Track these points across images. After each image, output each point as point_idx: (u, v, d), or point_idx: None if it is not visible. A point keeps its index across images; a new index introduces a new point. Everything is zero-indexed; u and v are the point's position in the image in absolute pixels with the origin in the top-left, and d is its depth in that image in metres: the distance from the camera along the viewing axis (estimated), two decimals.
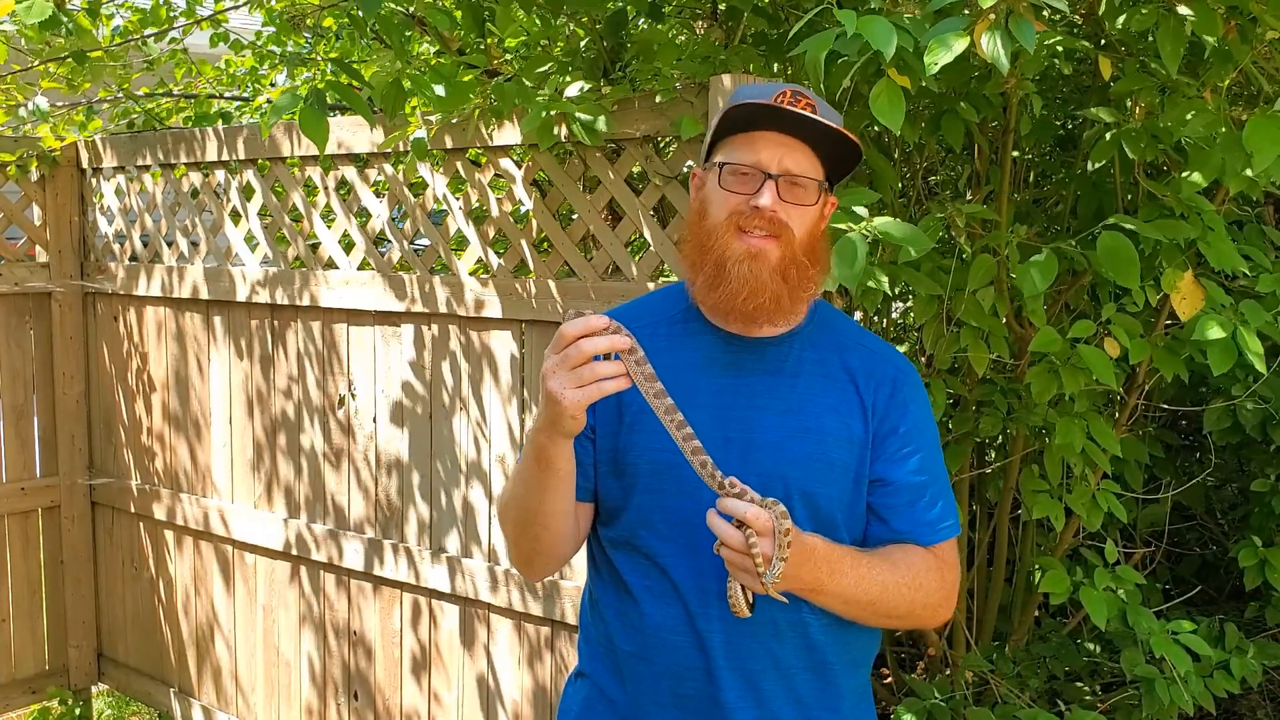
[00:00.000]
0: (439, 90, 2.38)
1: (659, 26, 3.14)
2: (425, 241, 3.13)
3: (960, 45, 1.69)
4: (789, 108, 1.47)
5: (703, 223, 1.54)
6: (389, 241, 3.33)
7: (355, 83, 2.71)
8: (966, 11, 1.74)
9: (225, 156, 3.44)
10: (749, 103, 1.49)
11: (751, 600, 1.42)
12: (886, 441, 1.56)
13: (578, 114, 2.45)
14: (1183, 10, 2.07)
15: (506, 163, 2.84)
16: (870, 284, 2.08)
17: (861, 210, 2.08)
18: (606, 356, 1.36)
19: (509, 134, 2.75)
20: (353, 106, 2.46)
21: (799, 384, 1.55)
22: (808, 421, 1.53)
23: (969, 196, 3.06)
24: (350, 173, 3.14)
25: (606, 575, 1.63)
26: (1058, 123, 3.04)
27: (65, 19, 2.80)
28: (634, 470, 1.56)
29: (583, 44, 3.07)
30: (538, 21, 3.30)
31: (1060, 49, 2.41)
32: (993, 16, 1.68)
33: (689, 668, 1.53)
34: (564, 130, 2.52)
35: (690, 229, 1.58)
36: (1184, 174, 2.28)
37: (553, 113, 2.44)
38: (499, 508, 1.68)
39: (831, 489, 1.53)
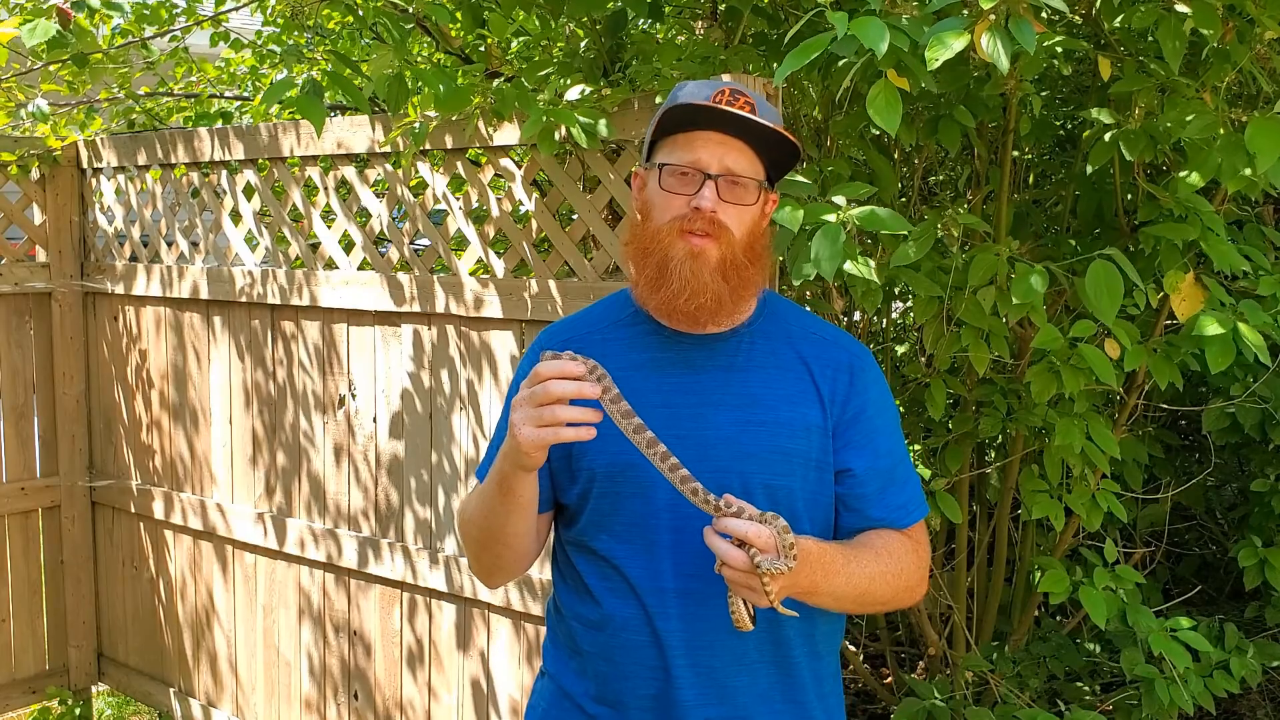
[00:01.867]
0: (440, 87, 2.38)
1: (658, 26, 3.14)
2: (425, 242, 3.13)
3: (960, 44, 1.69)
4: (727, 108, 1.48)
5: (646, 224, 1.55)
6: (389, 241, 3.33)
7: (355, 78, 2.71)
8: (966, 12, 1.73)
9: (225, 156, 3.44)
10: (687, 103, 1.49)
11: (753, 613, 1.41)
12: (850, 430, 1.56)
13: (578, 117, 2.45)
14: (1181, 8, 2.07)
15: (506, 162, 2.84)
16: (850, 268, 2.06)
17: (840, 200, 2.08)
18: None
19: (509, 134, 2.75)
20: (352, 99, 2.46)
21: (751, 377, 1.56)
22: (762, 414, 1.53)
23: (969, 197, 3.07)
24: (350, 173, 3.14)
25: (569, 577, 1.63)
26: (1057, 123, 3.04)
27: (70, 35, 2.82)
28: (588, 475, 1.56)
29: (582, 45, 3.08)
30: (537, 23, 3.30)
31: (1059, 50, 2.41)
32: (993, 17, 1.68)
33: (649, 666, 1.53)
34: (564, 132, 2.52)
35: (633, 230, 1.59)
36: (1182, 174, 2.28)
37: (552, 119, 2.45)
38: (459, 520, 1.68)
39: (792, 480, 1.53)
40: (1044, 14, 1.76)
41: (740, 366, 1.56)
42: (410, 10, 2.95)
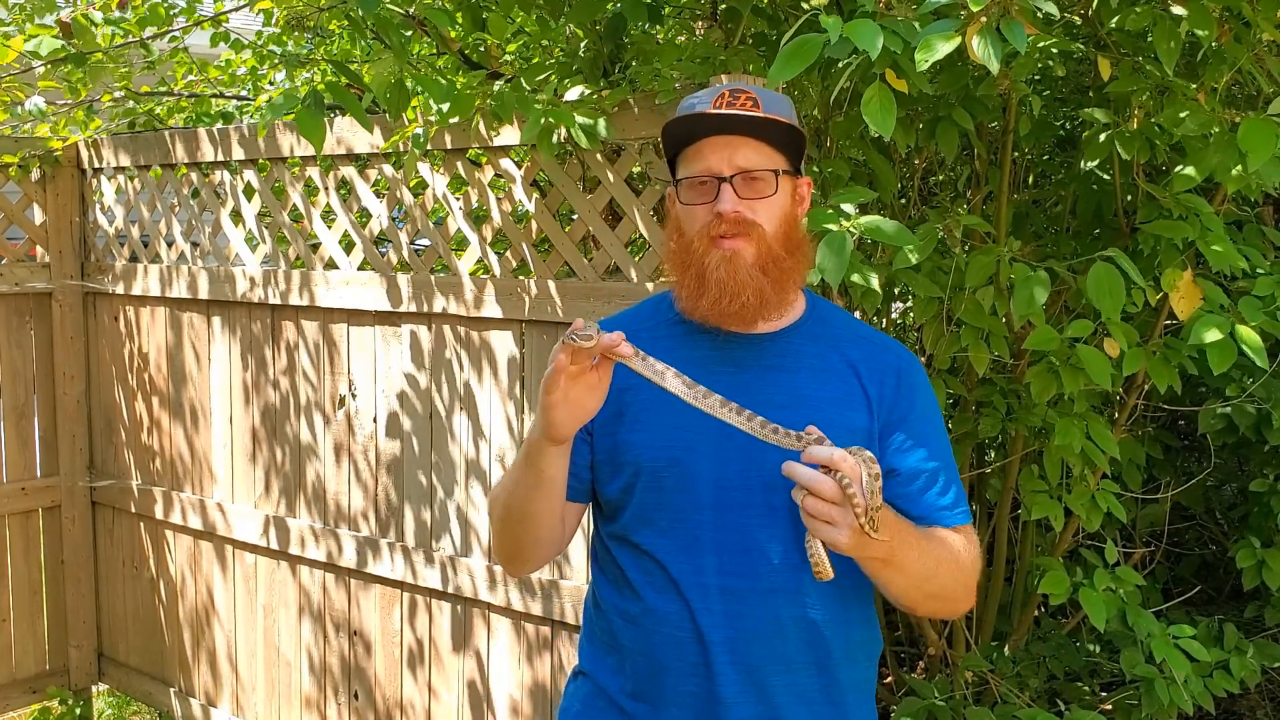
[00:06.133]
0: (444, 105, 2.38)
1: (658, 27, 3.14)
2: (425, 242, 3.13)
3: (947, 47, 1.69)
4: (725, 110, 1.48)
5: (680, 239, 1.56)
6: (389, 241, 3.33)
7: (354, 85, 2.71)
8: (962, 14, 1.74)
9: (225, 156, 3.44)
10: (685, 116, 1.51)
11: (831, 561, 1.37)
12: (896, 433, 1.56)
13: (577, 118, 2.45)
14: (1177, 10, 2.08)
15: (506, 163, 2.84)
16: (856, 279, 2.07)
17: (849, 208, 2.09)
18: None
19: (509, 134, 2.75)
20: (349, 110, 2.46)
21: (799, 378, 1.55)
22: (808, 415, 1.52)
23: (969, 197, 3.07)
24: (350, 173, 3.14)
25: (610, 571, 1.63)
26: (1057, 123, 3.04)
27: (72, 47, 2.84)
28: (633, 469, 1.56)
29: (582, 45, 3.08)
30: (537, 24, 3.30)
31: (1055, 50, 2.41)
32: (984, 19, 1.69)
33: (690, 663, 1.53)
34: (564, 133, 2.52)
35: (669, 246, 1.60)
36: (1179, 169, 2.28)
37: (551, 119, 2.45)
38: (489, 499, 1.71)
39: None
40: (1039, 14, 1.76)
41: (789, 368, 1.56)
42: (410, 12, 2.96)
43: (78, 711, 3.99)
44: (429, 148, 2.85)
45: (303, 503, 3.34)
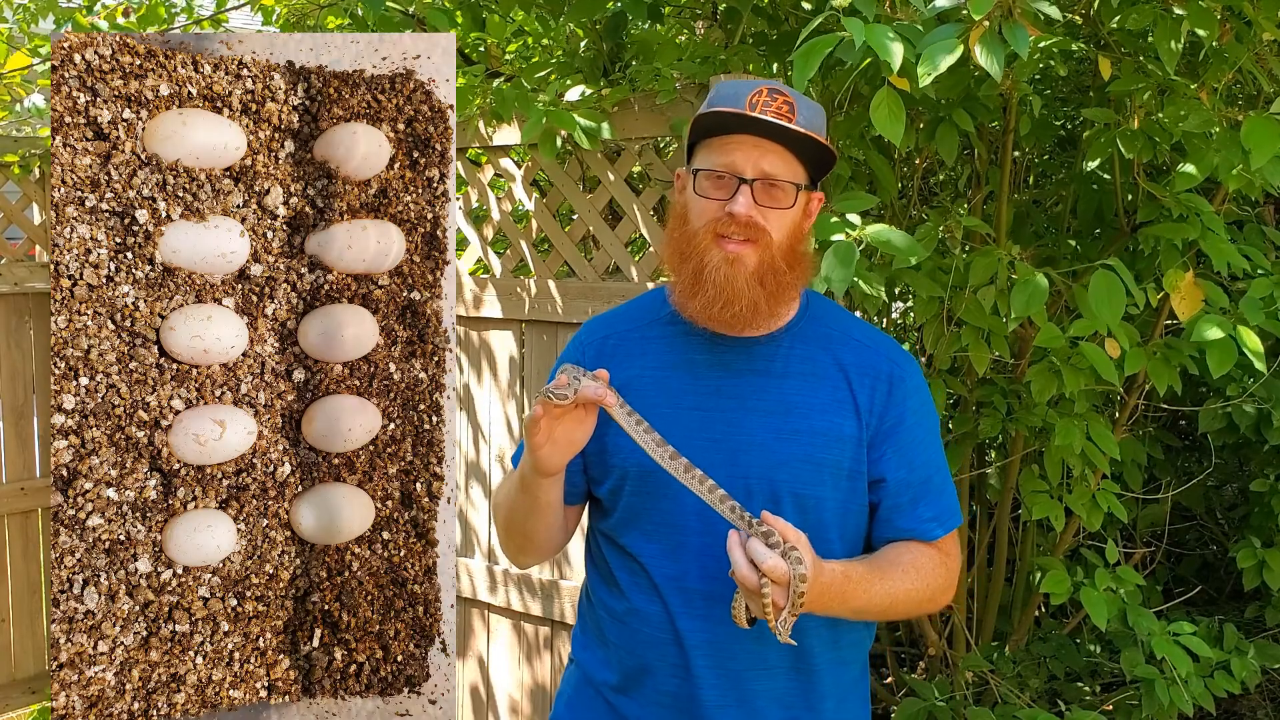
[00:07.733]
0: None
1: (658, 27, 3.14)
2: None
3: (951, 58, 1.68)
4: (761, 115, 1.44)
5: (683, 228, 1.53)
6: None
7: None
8: (965, 12, 1.73)
9: None
10: (721, 110, 1.47)
11: (754, 618, 1.40)
12: (887, 441, 1.54)
13: (578, 119, 2.45)
14: (1178, 10, 2.08)
15: (506, 162, 2.84)
16: (867, 290, 2.08)
17: (855, 218, 2.08)
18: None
19: (509, 133, 2.75)
20: None
21: (787, 384, 1.54)
22: (795, 422, 1.51)
23: (969, 197, 3.07)
24: None
25: (601, 568, 1.64)
26: (1057, 123, 3.04)
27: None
28: (620, 473, 1.56)
29: (582, 45, 3.08)
30: (538, 24, 3.30)
31: (1056, 50, 2.41)
32: (986, 24, 1.68)
33: (670, 663, 1.53)
34: (564, 134, 2.52)
35: (671, 232, 1.57)
36: (1181, 167, 2.28)
37: (552, 121, 2.44)
38: (492, 504, 1.71)
39: (823, 490, 1.51)
40: (1040, 16, 1.76)
41: (777, 373, 1.54)
42: (410, 12, 2.95)
43: None
44: None
45: None
